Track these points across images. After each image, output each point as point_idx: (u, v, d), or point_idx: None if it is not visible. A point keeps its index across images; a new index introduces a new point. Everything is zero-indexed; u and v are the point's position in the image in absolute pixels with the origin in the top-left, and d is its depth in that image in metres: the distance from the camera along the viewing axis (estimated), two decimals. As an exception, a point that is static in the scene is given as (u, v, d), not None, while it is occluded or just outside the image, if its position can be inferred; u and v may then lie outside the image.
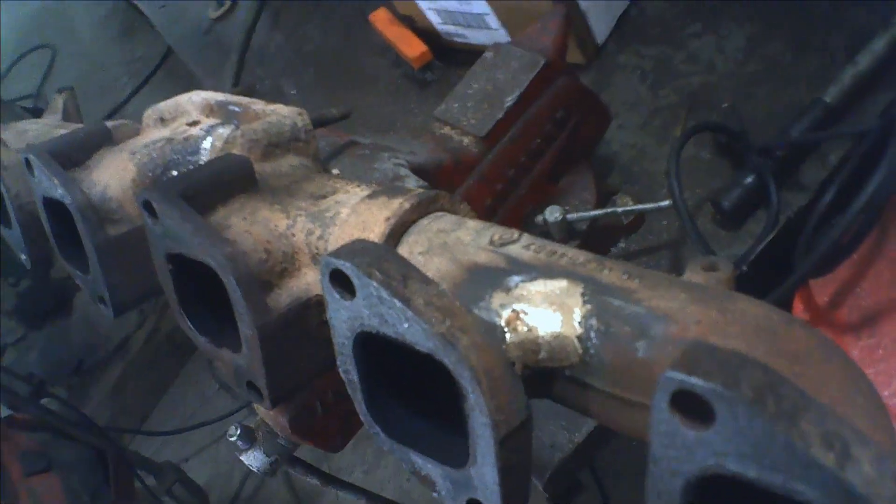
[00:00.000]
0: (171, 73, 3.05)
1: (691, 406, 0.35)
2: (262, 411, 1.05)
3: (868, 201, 0.73)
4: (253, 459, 1.08)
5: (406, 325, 0.48)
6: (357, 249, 0.51)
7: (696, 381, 0.34)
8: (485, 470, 0.48)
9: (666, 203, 1.05)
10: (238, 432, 1.06)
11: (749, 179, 1.10)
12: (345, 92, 1.81)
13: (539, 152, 1.05)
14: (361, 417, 0.57)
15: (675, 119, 1.28)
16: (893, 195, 0.85)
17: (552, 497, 1.11)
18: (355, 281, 0.50)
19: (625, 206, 1.08)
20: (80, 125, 1.26)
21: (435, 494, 0.55)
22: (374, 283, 0.48)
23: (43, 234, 1.06)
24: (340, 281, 0.51)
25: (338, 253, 0.51)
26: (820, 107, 1.07)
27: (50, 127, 1.24)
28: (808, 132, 1.06)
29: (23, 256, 1.11)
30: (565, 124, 1.07)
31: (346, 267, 0.50)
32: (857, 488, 0.31)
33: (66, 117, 1.34)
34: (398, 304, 0.47)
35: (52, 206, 0.92)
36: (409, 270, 0.50)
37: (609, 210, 1.06)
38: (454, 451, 0.52)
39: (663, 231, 1.19)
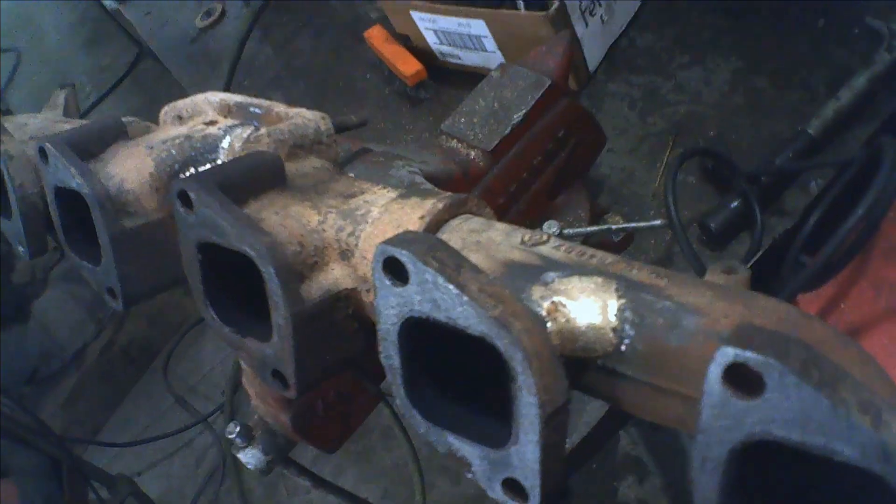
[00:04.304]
0: (138, 84, 3.01)
1: (742, 378, 0.39)
2: (263, 409, 1.06)
3: (858, 222, 0.78)
4: (250, 457, 1.09)
5: (460, 310, 0.51)
6: (411, 239, 0.55)
7: (750, 355, 0.39)
8: (526, 448, 0.52)
9: (658, 222, 1.10)
10: (237, 429, 1.08)
11: (735, 203, 1.16)
12: (335, 106, 1.84)
13: (540, 169, 1.09)
14: (399, 402, 0.60)
15: (663, 145, 1.34)
16: (881, 220, 0.91)
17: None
18: (410, 268, 0.53)
19: (617, 224, 1.13)
20: (85, 121, 1.27)
21: (469, 475, 0.58)
22: (431, 270, 0.52)
23: (44, 227, 1.06)
24: (392, 268, 0.54)
25: (392, 242, 0.54)
26: (804, 138, 1.14)
27: (50, 122, 1.24)
28: (792, 161, 1.12)
29: (20, 249, 1.11)
30: (565, 143, 1.12)
31: (403, 255, 0.53)
32: (891, 446, 0.36)
33: (67, 113, 1.35)
34: (453, 289, 0.51)
35: (63, 196, 0.93)
36: (461, 260, 0.53)
37: (604, 227, 1.10)
38: (491, 434, 0.55)
39: (651, 250, 1.24)
